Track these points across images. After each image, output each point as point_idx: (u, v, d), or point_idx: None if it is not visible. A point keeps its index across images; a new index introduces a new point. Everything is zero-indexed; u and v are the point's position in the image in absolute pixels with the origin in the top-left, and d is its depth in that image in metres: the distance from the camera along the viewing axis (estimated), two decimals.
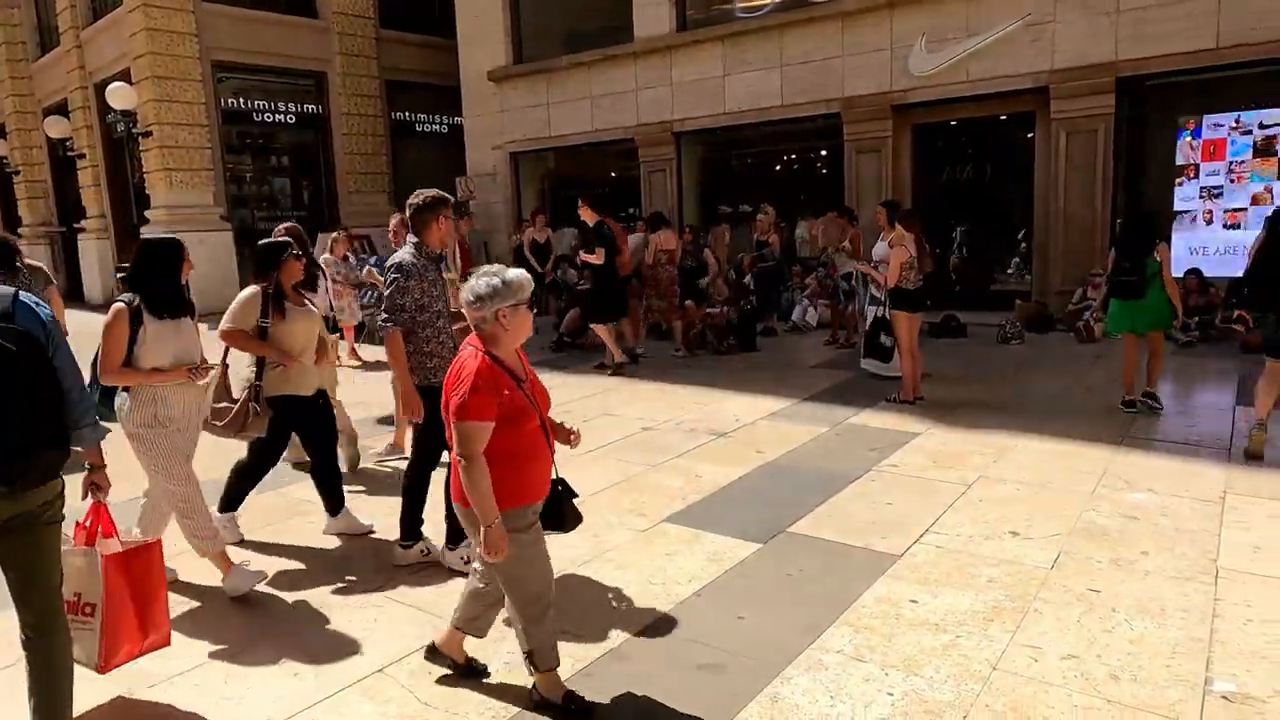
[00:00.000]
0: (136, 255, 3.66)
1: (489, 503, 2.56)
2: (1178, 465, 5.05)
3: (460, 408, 2.55)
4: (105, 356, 3.51)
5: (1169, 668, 2.92)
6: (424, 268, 3.92)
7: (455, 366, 2.67)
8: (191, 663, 3.23)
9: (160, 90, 15.29)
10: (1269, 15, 8.82)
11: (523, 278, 2.67)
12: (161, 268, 3.63)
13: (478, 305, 2.62)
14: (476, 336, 2.69)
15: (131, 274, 3.63)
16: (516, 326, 2.67)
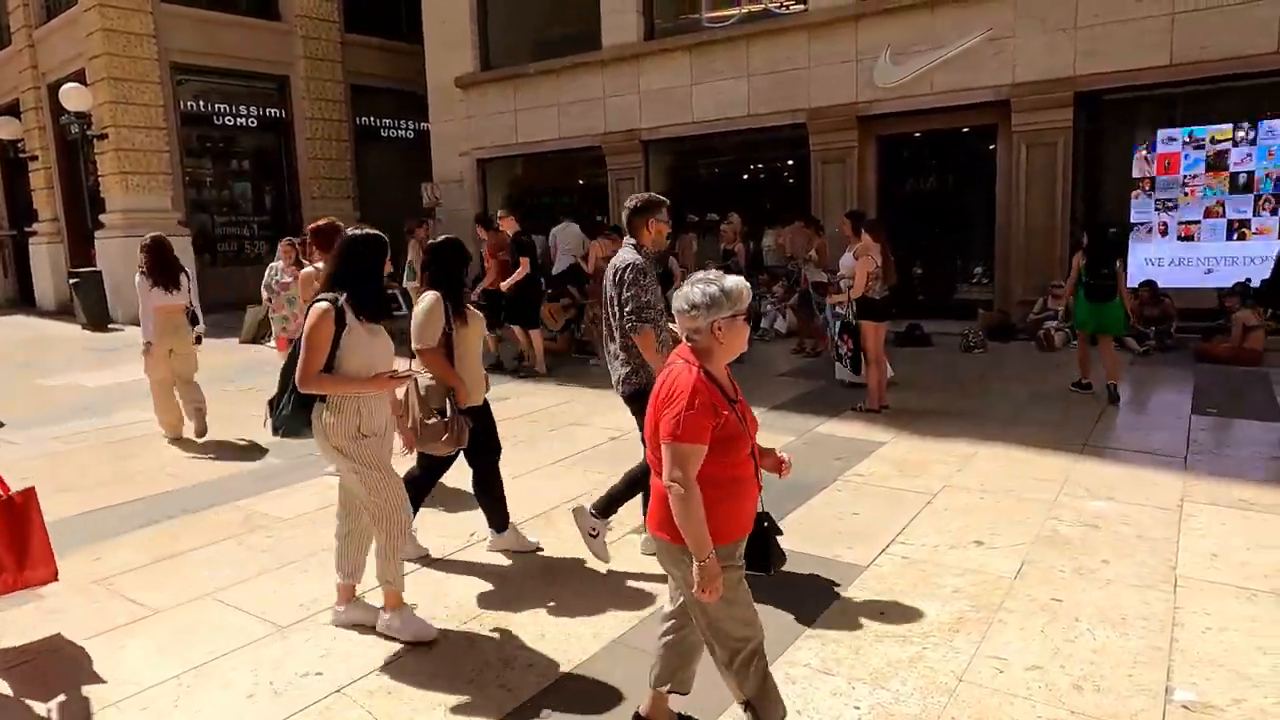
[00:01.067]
0: (342, 251, 3.33)
1: (705, 534, 2.26)
2: (1136, 473, 5.13)
3: (675, 427, 2.26)
4: (307, 362, 3.15)
5: (1131, 677, 2.94)
6: (650, 266, 3.92)
7: (665, 381, 2.39)
8: (139, 686, 3.11)
9: (117, 92, 14.95)
10: (1219, 34, 9.08)
11: (742, 286, 2.39)
12: (368, 265, 3.33)
13: (693, 315, 2.37)
14: (687, 349, 2.43)
15: (338, 271, 3.31)
16: (732, 340, 2.39)
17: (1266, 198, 9.40)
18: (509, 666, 3.15)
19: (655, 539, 2.48)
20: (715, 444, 2.29)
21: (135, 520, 4.89)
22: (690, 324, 2.40)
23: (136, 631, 3.53)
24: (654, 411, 2.40)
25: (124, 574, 4.14)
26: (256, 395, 8.48)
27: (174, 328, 6.66)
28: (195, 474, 5.82)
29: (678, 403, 2.29)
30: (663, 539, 2.42)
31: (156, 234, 7.06)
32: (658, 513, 2.42)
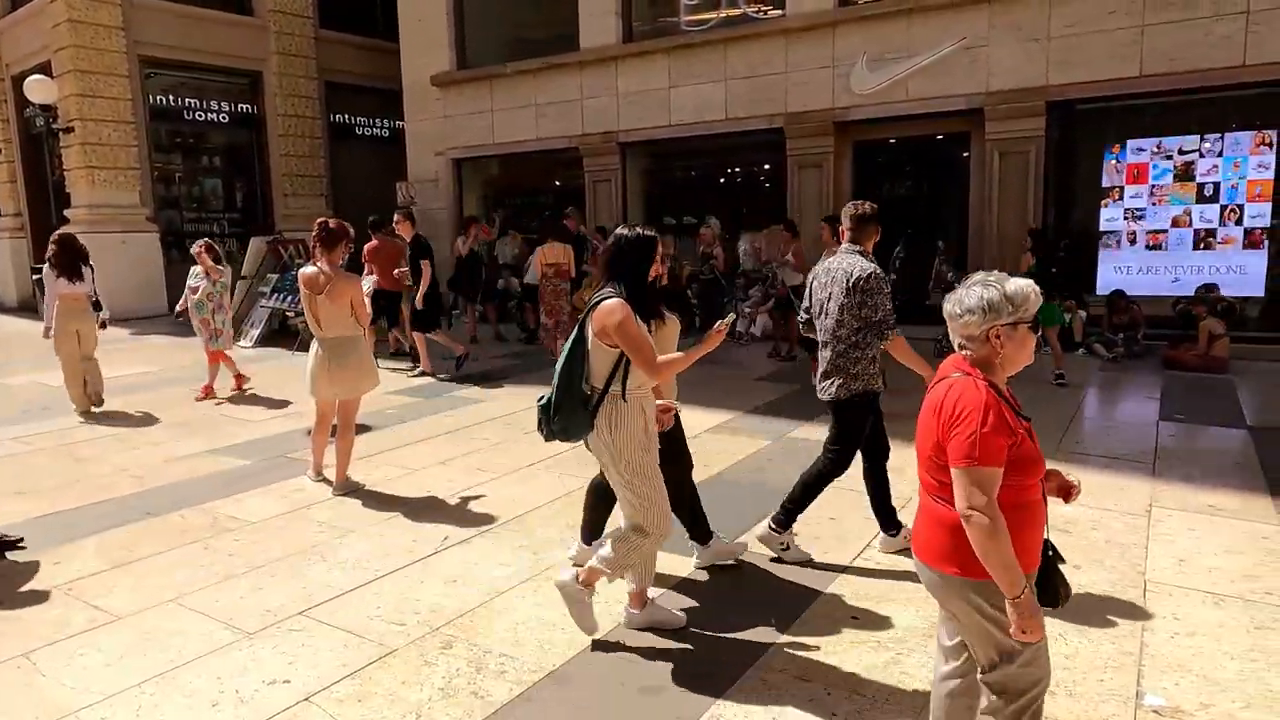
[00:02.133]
0: (615, 249, 3.25)
1: (1016, 566, 2.01)
2: (1106, 479, 5.19)
3: (970, 449, 2.02)
4: (644, 353, 3.07)
5: (1102, 682, 2.96)
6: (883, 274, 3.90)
7: (947, 396, 2.13)
8: (99, 695, 3.02)
9: (83, 85, 14.66)
10: (1187, 47, 9.25)
11: (1028, 290, 2.15)
12: (641, 265, 3.23)
13: (966, 320, 2.15)
14: (961, 360, 2.20)
15: (611, 269, 3.24)
16: (1014, 350, 2.15)
17: (1232, 208, 9.58)
18: (482, 673, 3.11)
19: (936, 573, 2.19)
20: (1007, 466, 2.05)
21: (97, 524, 4.77)
22: (964, 331, 2.17)
23: (97, 638, 3.43)
24: (936, 430, 2.14)
25: (85, 579, 4.03)
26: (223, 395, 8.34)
27: (77, 312, 7.53)
28: (160, 476, 5.69)
29: (968, 421, 2.05)
30: (949, 573, 2.14)
31: (65, 231, 8.07)
32: (939, 543, 2.16)
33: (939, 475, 2.16)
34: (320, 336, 5.20)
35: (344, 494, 5.20)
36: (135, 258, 15.13)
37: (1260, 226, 9.48)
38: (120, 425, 7.22)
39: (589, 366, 3.22)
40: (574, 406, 3.23)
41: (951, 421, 2.09)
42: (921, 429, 2.24)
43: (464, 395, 8.18)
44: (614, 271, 3.24)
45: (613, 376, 3.19)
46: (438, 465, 5.83)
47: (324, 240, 5.12)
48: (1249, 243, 9.55)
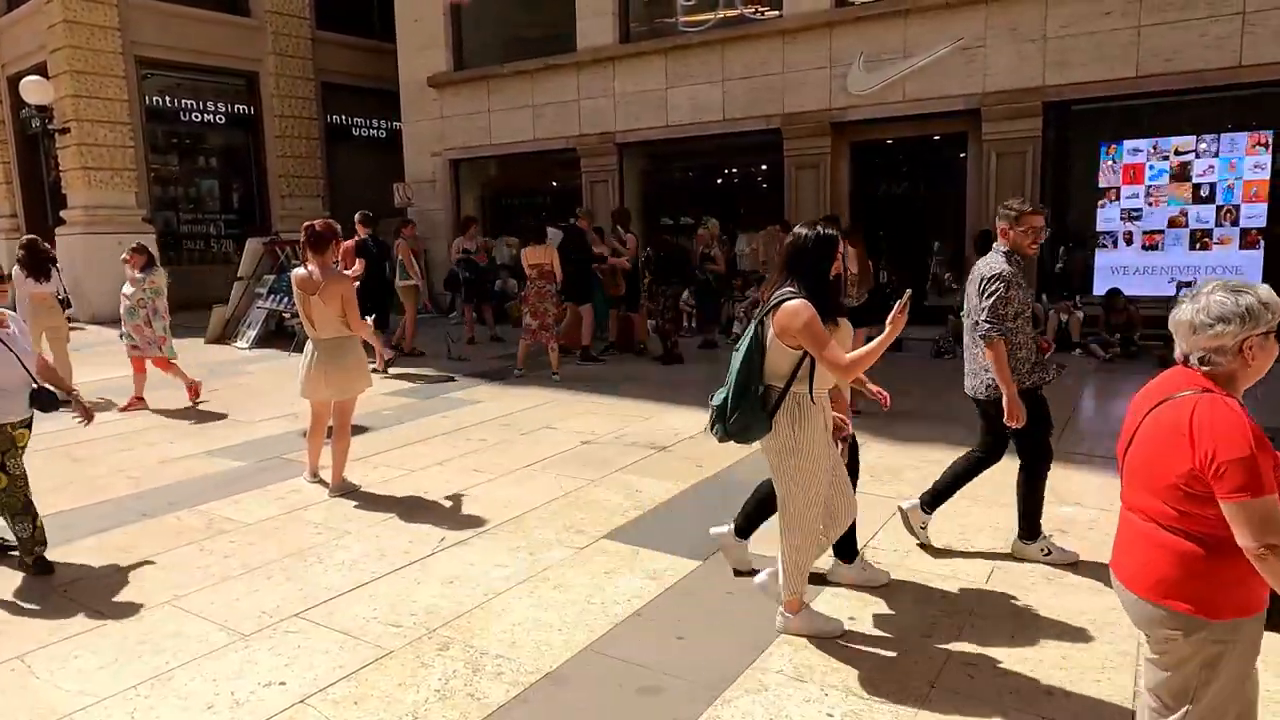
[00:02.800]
0: (798, 248, 3.18)
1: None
2: (1103, 479, 5.19)
3: (1247, 478, 1.80)
4: (829, 352, 3.00)
5: (1099, 683, 2.96)
6: (1016, 274, 3.87)
7: (1195, 417, 1.91)
8: (94, 698, 3.01)
9: (79, 85, 14.63)
10: (1183, 48, 9.27)
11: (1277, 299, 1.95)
12: (823, 264, 3.16)
13: (1217, 331, 1.92)
14: (1195, 375, 1.99)
15: (790, 268, 3.17)
16: (1263, 362, 1.96)
17: (1228, 208, 9.60)
18: (478, 674, 3.10)
19: (1160, 608, 1.98)
20: None
21: (93, 525, 4.76)
22: (1212, 343, 1.95)
23: (92, 640, 3.42)
24: (1191, 456, 1.89)
25: (80, 580, 4.02)
26: (220, 397, 8.33)
27: (47, 309, 8.09)
28: (156, 478, 5.68)
29: (1233, 446, 1.83)
30: (1180, 610, 1.94)
31: (31, 236, 8.74)
32: (1170, 577, 1.96)
33: (1180, 504, 1.93)
34: (314, 337, 5.19)
35: (340, 495, 5.19)
36: None
37: (1256, 227, 9.50)
38: (117, 426, 7.20)
39: (766, 366, 3.18)
40: (752, 407, 3.17)
41: (1213, 447, 1.86)
42: (1153, 452, 2.00)
43: (461, 396, 8.17)
44: (794, 270, 3.17)
45: (794, 376, 3.14)
46: (434, 466, 5.82)
47: (312, 243, 5.11)
48: (1245, 243, 9.57)
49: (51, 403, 4.18)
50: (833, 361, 3.04)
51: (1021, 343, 3.89)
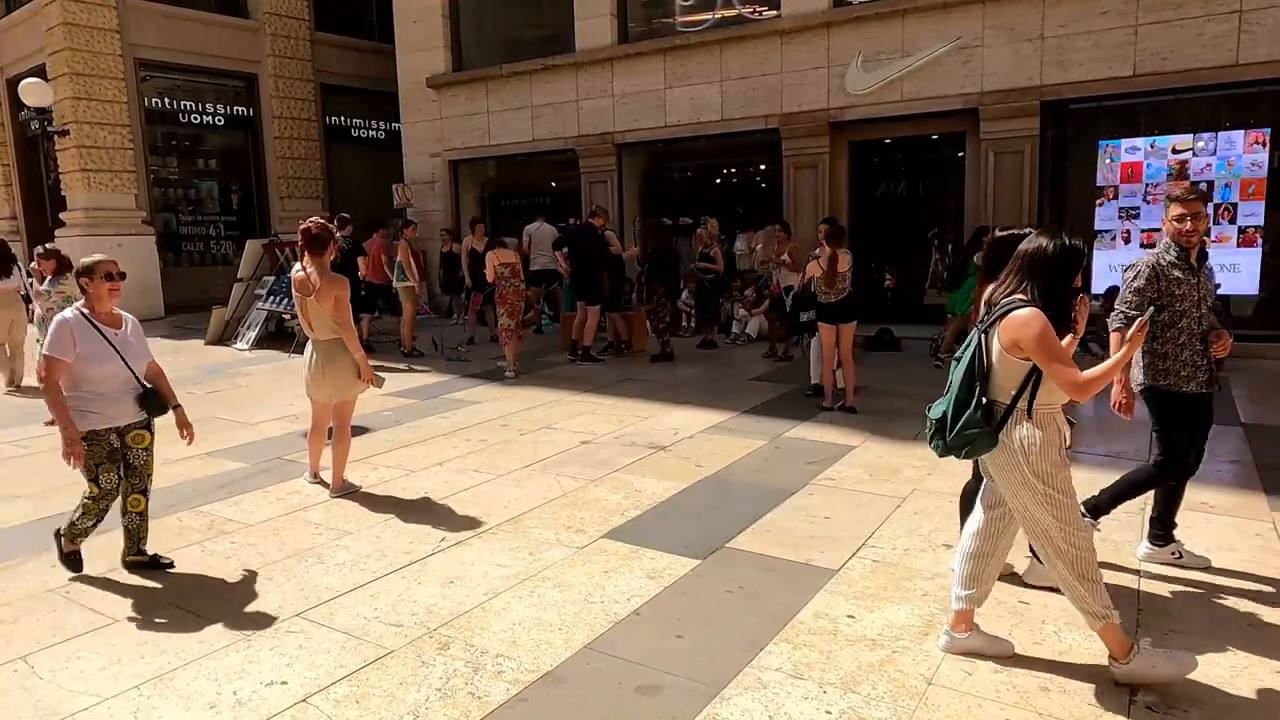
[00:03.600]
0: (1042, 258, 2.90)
1: None
2: (1101, 477, 5.18)
3: None
4: (1065, 368, 2.76)
5: (1096, 679, 2.97)
6: (1168, 265, 3.73)
7: None
8: (96, 698, 3.03)
9: (79, 87, 14.66)
10: (1179, 46, 9.29)
11: None
12: (1066, 278, 2.90)
13: None
14: None
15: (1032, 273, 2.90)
16: None
17: (1226, 206, 9.62)
18: (479, 673, 3.12)
19: None
20: None
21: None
22: None
23: (94, 641, 3.44)
24: None
25: (81, 582, 4.04)
26: (220, 398, 8.34)
27: (9, 304, 8.83)
28: (156, 479, 5.65)
29: None
30: None
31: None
32: None
33: None
34: (313, 339, 5.21)
35: (341, 496, 5.21)
36: (131, 261, 14.97)
37: (1254, 225, 9.51)
38: None
39: (992, 379, 2.97)
40: (976, 421, 2.93)
41: None
42: None
43: (461, 397, 8.19)
44: (1031, 276, 2.91)
45: (1022, 391, 2.90)
46: (435, 467, 5.84)
47: (308, 245, 5.12)
48: (1243, 241, 9.58)
49: (159, 405, 4.11)
50: (1066, 380, 2.77)
51: (1184, 342, 3.70)
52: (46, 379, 3.82)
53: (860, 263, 11.03)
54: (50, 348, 3.82)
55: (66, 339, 3.82)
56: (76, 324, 3.88)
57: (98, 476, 3.96)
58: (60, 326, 3.85)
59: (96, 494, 3.98)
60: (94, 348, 3.88)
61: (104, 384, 3.91)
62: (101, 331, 3.93)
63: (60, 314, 3.93)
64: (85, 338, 3.87)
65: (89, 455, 3.92)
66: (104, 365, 3.90)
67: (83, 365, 3.85)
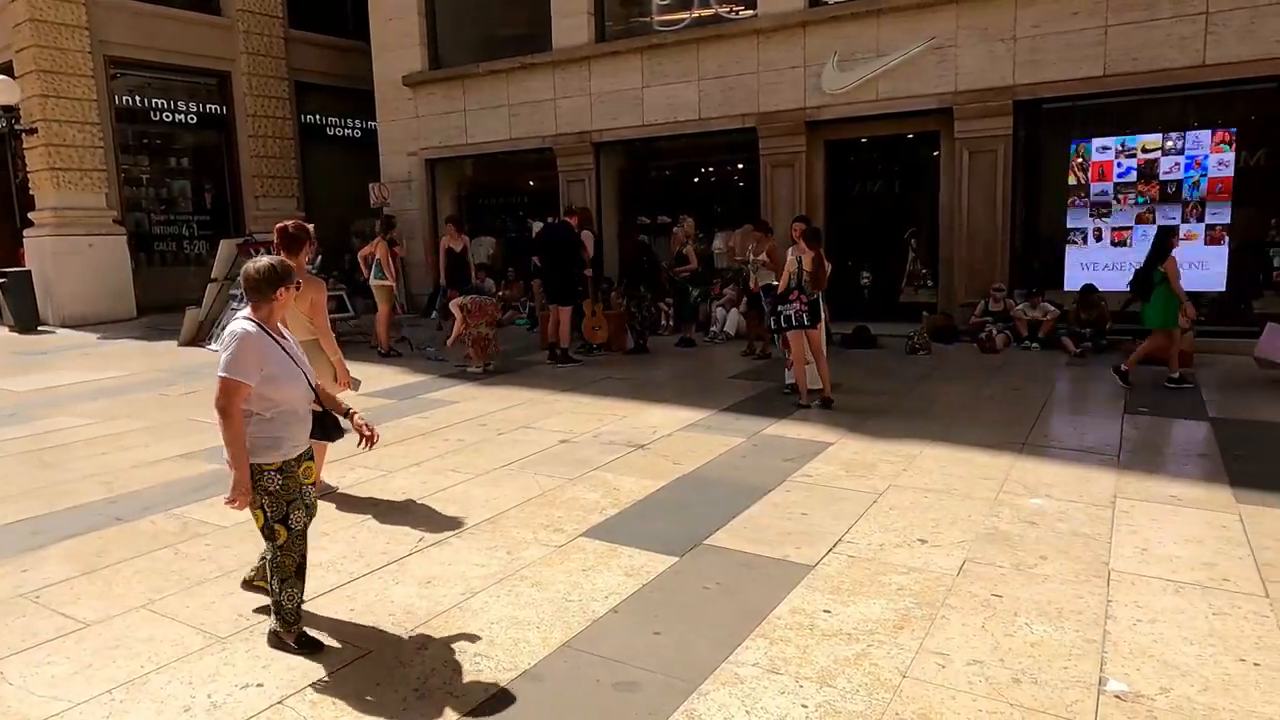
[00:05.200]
0: None
1: None
2: (1073, 471, 5.30)
3: None
4: None
5: (1066, 669, 3.03)
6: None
7: None
8: (68, 703, 2.99)
9: (46, 85, 14.40)
10: (1148, 47, 9.44)
11: None
12: None
13: None
14: None
15: None
16: None
17: (1193, 205, 9.78)
18: (457, 673, 3.12)
19: None
20: None
21: (64, 530, 4.71)
22: None
23: (65, 646, 3.40)
24: None
25: (52, 586, 3.98)
26: (194, 400, 8.25)
27: None
28: (128, 482, 5.63)
29: None
30: None
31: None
32: None
33: None
34: None
35: (317, 497, 5.16)
36: (102, 261, 14.92)
37: (1220, 223, 9.69)
38: (90, 430, 7.11)
39: None
40: None
41: None
42: None
43: (438, 397, 8.15)
44: None
45: None
46: (412, 467, 5.81)
47: (285, 244, 5.04)
48: (1210, 239, 9.75)
49: (336, 430, 3.52)
50: None
51: None
52: (228, 408, 3.11)
53: (838, 261, 11.16)
54: (232, 368, 3.11)
55: (251, 358, 3.14)
56: (259, 339, 3.20)
57: (288, 516, 3.28)
58: (242, 343, 3.14)
59: (285, 540, 3.30)
60: (279, 364, 3.24)
61: (290, 405, 3.29)
62: (280, 343, 3.30)
63: (235, 326, 3.22)
64: (270, 354, 3.21)
65: (282, 492, 3.25)
66: (291, 384, 3.28)
67: (268, 386, 3.19)
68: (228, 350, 3.13)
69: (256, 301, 3.26)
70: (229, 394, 3.10)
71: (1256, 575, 3.76)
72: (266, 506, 3.24)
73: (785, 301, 7.25)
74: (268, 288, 3.23)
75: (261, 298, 3.25)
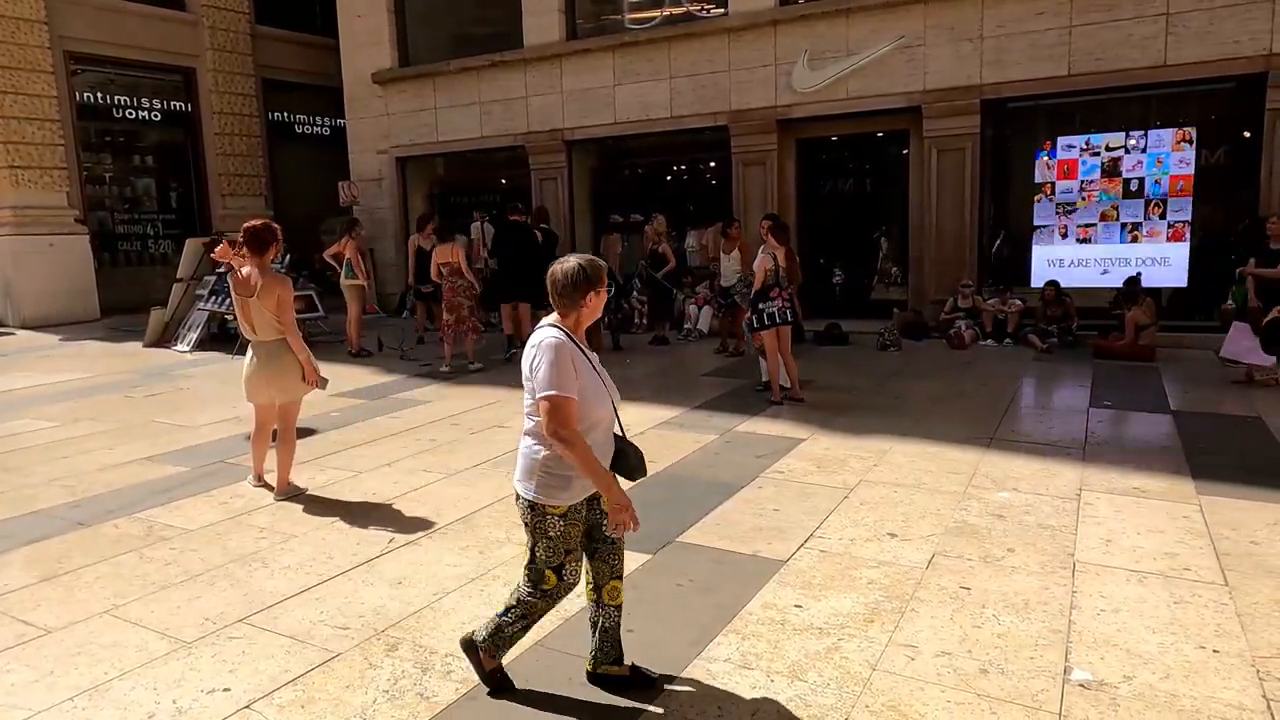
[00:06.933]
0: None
1: None
2: (1038, 465, 5.38)
3: None
4: None
5: (1032, 659, 3.07)
6: None
7: None
8: (28, 712, 2.93)
9: (4, 81, 14.06)
10: (1111, 47, 9.61)
11: None
12: None
13: None
14: None
15: None
16: None
17: (1156, 202, 9.98)
18: (428, 674, 3.09)
19: None
20: None
21: (24, 536, 4.61)
22: None
23: (26, 654, 3.32)
24: None
25: (12, 593, 3.89)
26: (159, 402, 8.12)
27: None
28: (93, 485, 5.52)
29: None
30: None
31: None
32: None
33: None
34: (253, 341, 5.10)
35: (286, 499, 5.11)
36: (64, 261, 14.59)
37: (1182, 220, 9.89)
38: (52, 434, 6.97)
39: None
40: None
41: None
42: None
43: (410, 396, 8.09)
44: None
45: None
46: (383, 467, 5.76)
47: (251, 243, 5.01)
48: (1172, 236, 9.95)
49: (641, 467, 3.01)
50: None
51: None
52: (561, 430, 2.64)
53: (810, 259, 11.24)
54: (558, 383, 2.65)
55: (571, 369, 2.70)
56: (573, 351, 2.74)
57: (563, 565, 2.84)
58: (560, 353, 2.69)
59: (552, 588, 2.86)
60: (590, 382, 2.77)
61: (598, 432, 2.82)
62: (589, 357, 2.83)
63: (544, 335, 2.77)
64: (581, 370, 2.74)
65: (561, 540, 2.81)
66: (601, 406, 2.80)
67: (583, 409, 2.72)
68: (544, 364, 2.68)
69: (565, 308, 2.81)
70: (562, 413, 2.64)
71: (1216, 564, 3.84)
72: (540, 551, 2.82)
73: (766, 299, 7.24)
74: (576, 292, 2.78)
75: (570, 304, 2.79)
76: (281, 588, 3.87)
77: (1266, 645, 3.13)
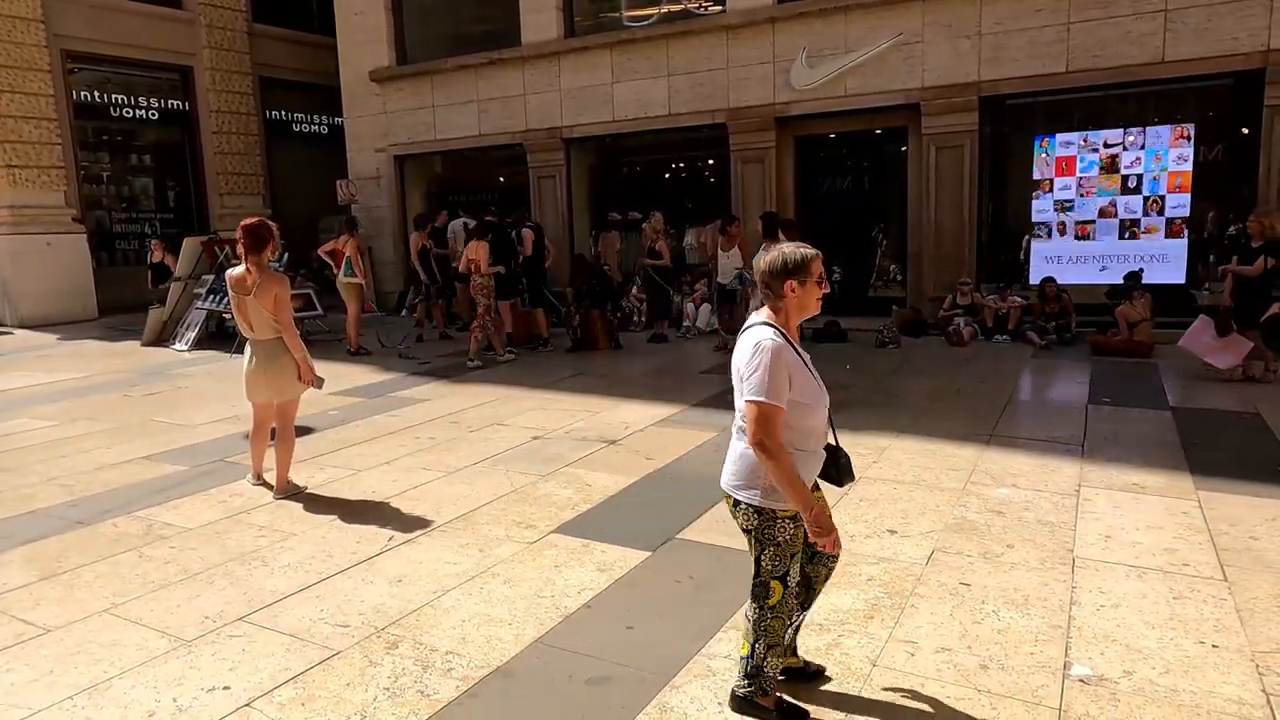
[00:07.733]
0: None
1: None
2: (1038, 461, 5.38)
3: None
4: None
5: (1032, 655, 3.08)
6: None
7: None
8: (28, 711, 2.93)
9: (0, 80, 14.04)
10: (1109, 44, 9.61)
11: None
12: None
13: None
14: None
15: None
16: None
17: (1154, 199, 9.98)
18: (428, 671, 3.09)
19: None
20: None
21: (23, 535, 4.60)
22: None
23: (25, 653, 3.32)
24: None
25: (11, 592, 3.89)
26: (158, 401, 8.11)
27: None
28: (89, 485, 5.51)
29: None
30: None
31: None
32: None
33: None
34: (251, 339, 5.09)
35: (285, 497, 5.11)
36: (61, 260, 14.58)
37: (1180, 216, 9.90)
38: (50, 433, 6.96)
39: None
40: None
41: None
42: None
43: (409, 395, 8.09)
44: None
45: None
46: (382, 466, 5.76)
47: (248, 242, 4.99)
48: (1170, 232, 9.96)
49: (849, 472, 2.84)
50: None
51: None
52: (766, 441, 2.48)
53: None
54: (769, 391, 2.47)
55: (784, 376, 2.51)
56: (790, 354, 2.55)
57: (787, 572, 2.67)
58: (776, 358, 2.49)
59: (778, 601, 2.67)
60: (807, 385, 2.61)
61: (814, 437, 2.69)
62: (804, 358, 2.65)
63: (759, 336, 2.56)
64: (797, 373, 2.57)
65: (790, 544, 2.64)
66: (818, 411, 2.66)
67: (794, 413, 2.55)
68: (760, 367, 2.48)
69: (773, 303, 2.63)
70: (769, 423, 2.47)
71: (1215, 560, 3.85)
72: (767, 560, 2.64)
73: None
74: (775, 281, 2.61)
75: (775, 296, 2.62)
76: (281, 586, 3.87)
77: (1266, 640, 3.14)
